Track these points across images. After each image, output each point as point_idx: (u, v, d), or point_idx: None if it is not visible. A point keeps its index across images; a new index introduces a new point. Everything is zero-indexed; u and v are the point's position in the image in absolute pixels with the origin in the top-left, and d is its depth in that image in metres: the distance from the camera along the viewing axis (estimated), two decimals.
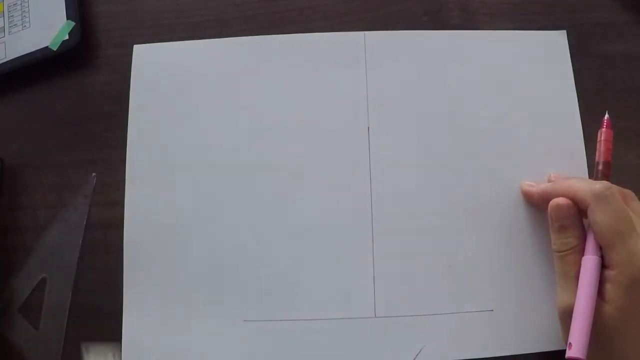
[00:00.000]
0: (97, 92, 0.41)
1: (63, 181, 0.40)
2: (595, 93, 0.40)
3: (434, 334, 0.36)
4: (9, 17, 0.43)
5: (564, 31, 0.41)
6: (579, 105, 0.40)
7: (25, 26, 0.42)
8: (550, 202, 0.34)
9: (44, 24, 0.42)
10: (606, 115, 0.36)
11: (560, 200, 0.33)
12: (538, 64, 0.40)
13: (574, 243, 0.33)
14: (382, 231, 0.37)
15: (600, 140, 0.36)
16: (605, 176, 0.35)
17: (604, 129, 0.36)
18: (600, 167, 0.35)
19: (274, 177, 0.39)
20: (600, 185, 0.32)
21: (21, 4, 0.43)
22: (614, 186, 0.32)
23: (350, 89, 0.40)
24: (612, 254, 0.31)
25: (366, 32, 0.41)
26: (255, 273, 0.37)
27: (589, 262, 0.31)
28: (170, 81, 0.41)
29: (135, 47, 0.41)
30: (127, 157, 0.39)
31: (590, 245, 0.32)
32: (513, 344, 0.36)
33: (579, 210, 0.33)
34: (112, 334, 0.37)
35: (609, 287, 0.31)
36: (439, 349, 0.36)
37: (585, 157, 0.39)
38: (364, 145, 0.39)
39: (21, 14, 0.42)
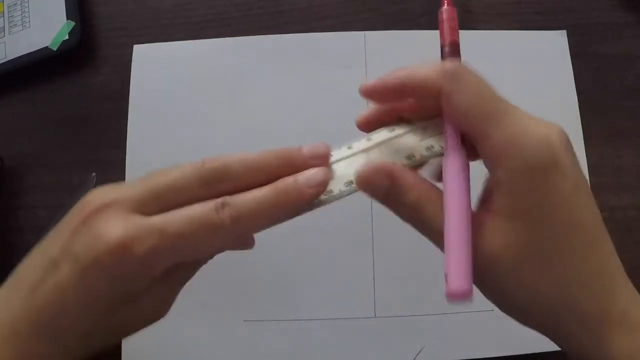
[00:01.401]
0: (97, 92, 0.41)
1: (63, 181, 0.40)
2: (595, 93, 0.40)
3: (434, 334, 0.36)
4: (9, 17, 0.43)
5: (564, 31, 0.41)
6: (579, 106, 0.40)
7: (25, 26, 0.42)
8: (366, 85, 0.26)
9: (44, 24, 0.42)
10: None
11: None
12: (538, 64, 0.40)
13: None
14: (382, 231, 0.37)
15: (443, 20, 0.29)
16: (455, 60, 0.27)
17: (444, 7, 0.29)
18: (447, 49, 0.28)
19: None
20: (451, 62, 0.23)
21: (21, 4, 0.43)
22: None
23: (350, 88, 0.40)
24: (488, 142, 0.21)
25: (366, 32, 0.41)
26: (255, 273, 0.37)
27: (454, 162, 0.23)
28: (170, 81, 0.41)
29: (136, 47, 0.41)
30: (127, 157, 0.39)
31: (451, 142, 0.23)
32: (513, 344, 0.36)
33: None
34: None
35: (493, 191, 0.22)
36: (439, 348, 0.36)
37: (585, 157, 0.38)
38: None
39: (21, 14, 0.42)
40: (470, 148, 0.23)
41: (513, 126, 0.22)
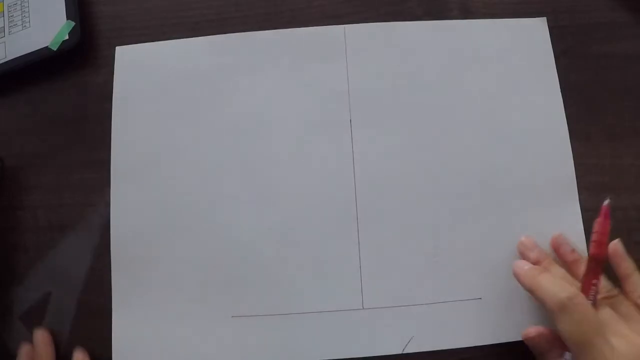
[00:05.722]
0: (97, 92, 0.42)
1: (63, 181, 0.40)
2: (595, 93, 0.40)
3: (423, 323, 0.36)
4: (9, 17, 0.43)
5: (544, 18, 0.41)
6: (578, 106, 0.40)
7: (25, 26, 0.42)
8: (522, 333, 0.34)
9: (44, 24, 0.42)
10: (606, 201, 0.32)
11: (531, 332, 0.34)
12: (519, 51, 0.40)
13: None
14: (367, 223, 0.37)
15: (595, 232, 0.32)
16: (594, 274, 0.32)
17: (600, 219, 0.32)
18: (589, 263, 0.33)
19: (257, 172, 0.39)
20: (565, 294, 0.31)
21: (21, 4, 0.43)
22: (581, 295, 0.31)
23: (332, 82, 0.40)
24: None
25: (346, 25, 0.41)
26: (242, 269, 0.37)
27: None
28: (153, 81, 0.41)
29: (117, 48, 0.41)
30: (111, 158, 0.39)
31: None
32: (502, 331, 0.36)
33: (551, 333, 0.33)
34: (111, 333, 0.37)
35: None
36: (429, 338, 0.36)
37: (569, 146, 0.38)
38: (347, 138, 0.39)
39: (21, 14, 0.42)
40: None
41: (596, 357, 0.30)
